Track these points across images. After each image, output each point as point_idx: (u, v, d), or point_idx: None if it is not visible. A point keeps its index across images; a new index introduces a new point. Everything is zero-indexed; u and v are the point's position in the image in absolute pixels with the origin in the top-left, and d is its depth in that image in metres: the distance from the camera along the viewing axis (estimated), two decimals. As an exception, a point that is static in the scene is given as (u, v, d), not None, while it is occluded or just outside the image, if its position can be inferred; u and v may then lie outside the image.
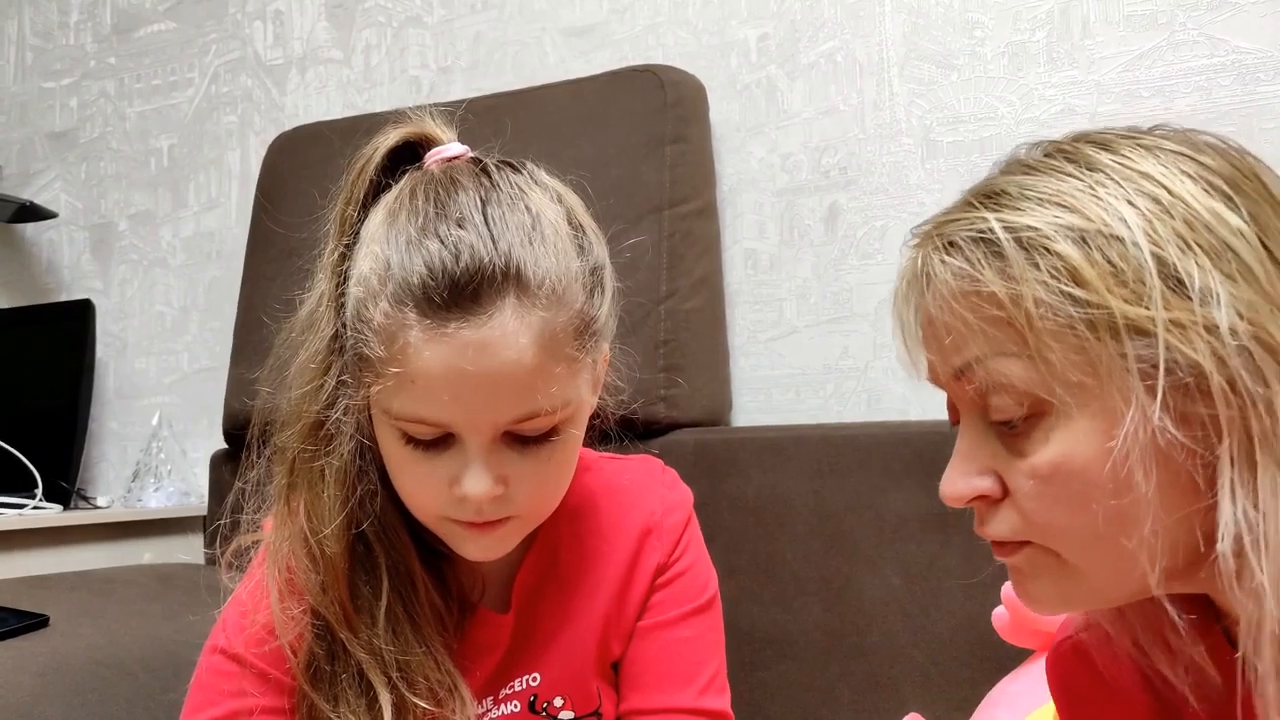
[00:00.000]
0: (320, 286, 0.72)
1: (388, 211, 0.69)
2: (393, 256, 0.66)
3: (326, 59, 1.82)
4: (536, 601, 0.80)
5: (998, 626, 0.70)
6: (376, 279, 0.66)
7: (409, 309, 0.65)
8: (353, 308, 0.68)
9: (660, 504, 0.84)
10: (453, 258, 0.64)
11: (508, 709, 0.79)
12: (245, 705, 0.73)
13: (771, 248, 1.44)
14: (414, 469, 0.69)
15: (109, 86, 2.03)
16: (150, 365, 1.94)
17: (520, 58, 1.64)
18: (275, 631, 0.73)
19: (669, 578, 0.82)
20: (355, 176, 0.72)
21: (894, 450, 1.17)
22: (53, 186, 2.07)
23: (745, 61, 1.48)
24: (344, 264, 0.70)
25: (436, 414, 0.66)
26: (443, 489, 0.69)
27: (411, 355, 0.65)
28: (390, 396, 0.67)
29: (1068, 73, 1.29)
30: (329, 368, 0.70)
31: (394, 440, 0.69)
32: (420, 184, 0.69)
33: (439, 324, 0.64)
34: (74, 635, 1.09)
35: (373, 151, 0.73)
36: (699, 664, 0.81)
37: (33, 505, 1.65)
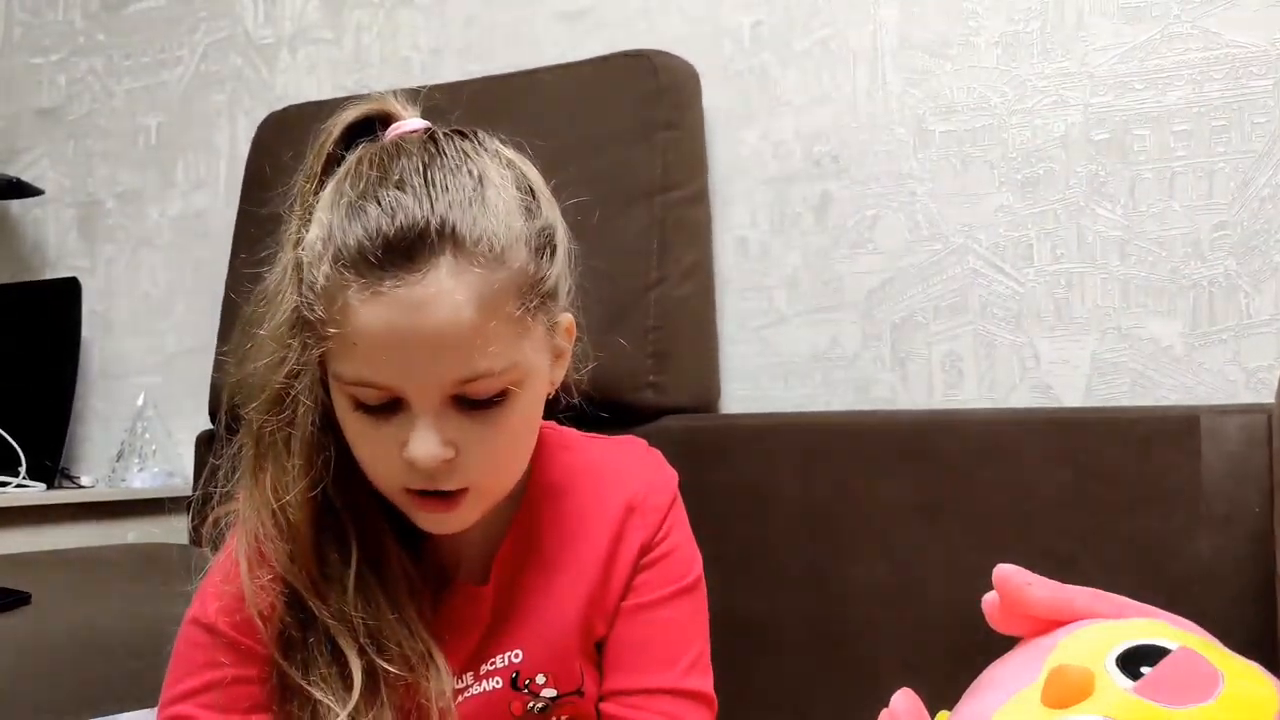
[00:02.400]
0: (282, 261, 0.73)
1: (336, 181, 0.70)
2: (334, 221, 0.67)
3: (317, 39, 1.81)
4: (517, 577, 0.80)
5: (987, 612, 0.70)
6: (320, 243, 0.68)
7: (347, 270, 0.66)
8: (304, 275, 0.69)
9: (644, 483, 0.84)
10: (389, 218, 0.65)
11: (490, 685, 0.79)
12: (220, 675, 0.74)
13: (762, 235, 1.44)
14: (366, 436, 0.70)
15: (97, 63, 2.01)
16: (136, 345, 1.93)
17: (513, 41, 1.63)
18: (247, 602, 0.73)
19: (653, 558, 0.82)
20: (315, 153, 0.74)
21: (882, 439, 1.18)
22: (40, 163, 2.05)
23: (739, 48, 1.47)
24: (301, 237, 0.71)
25: (379, 376, 0.67)
26: (394, 456, 0.69)
27: (350, 316, 0.66)
28: (336, 361, 0.68)
29: (1061, 64, 1.29)
30: (289, 340, 0.71)
31: (346, 407, 0.70)
32: (368, 154, 0.70)
33: (375, 283, 0.65)
34: (56, 613, 1.09)
35: (331, 128, 0.74)
36: (682, 645, 0.81)
37: (16, 483, 1.65)
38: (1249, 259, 1.20)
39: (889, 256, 1.37)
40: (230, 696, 0.74)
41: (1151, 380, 1.24)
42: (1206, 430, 1.01)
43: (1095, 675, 0.62)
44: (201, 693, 0.74)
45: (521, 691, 0.79)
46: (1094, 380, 1.26)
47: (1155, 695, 0.58)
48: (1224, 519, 0.99)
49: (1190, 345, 1.22)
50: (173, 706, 0.75)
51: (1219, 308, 1.21)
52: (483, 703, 0.79)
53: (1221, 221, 1.21)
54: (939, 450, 1.14)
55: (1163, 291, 1.24)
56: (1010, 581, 0.70)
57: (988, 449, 1.11)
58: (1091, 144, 1.27)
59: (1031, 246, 1.30)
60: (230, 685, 0.74)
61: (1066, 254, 1.28)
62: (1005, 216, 1.31)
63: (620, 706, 0.80)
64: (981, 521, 1.09)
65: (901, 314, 1.36)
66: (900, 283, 1.36)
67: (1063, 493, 1.06)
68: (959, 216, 1.33)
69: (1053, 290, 1.28)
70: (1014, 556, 0.84)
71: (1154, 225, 1.24)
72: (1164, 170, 1.24)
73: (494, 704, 0.79)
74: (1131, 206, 1.25)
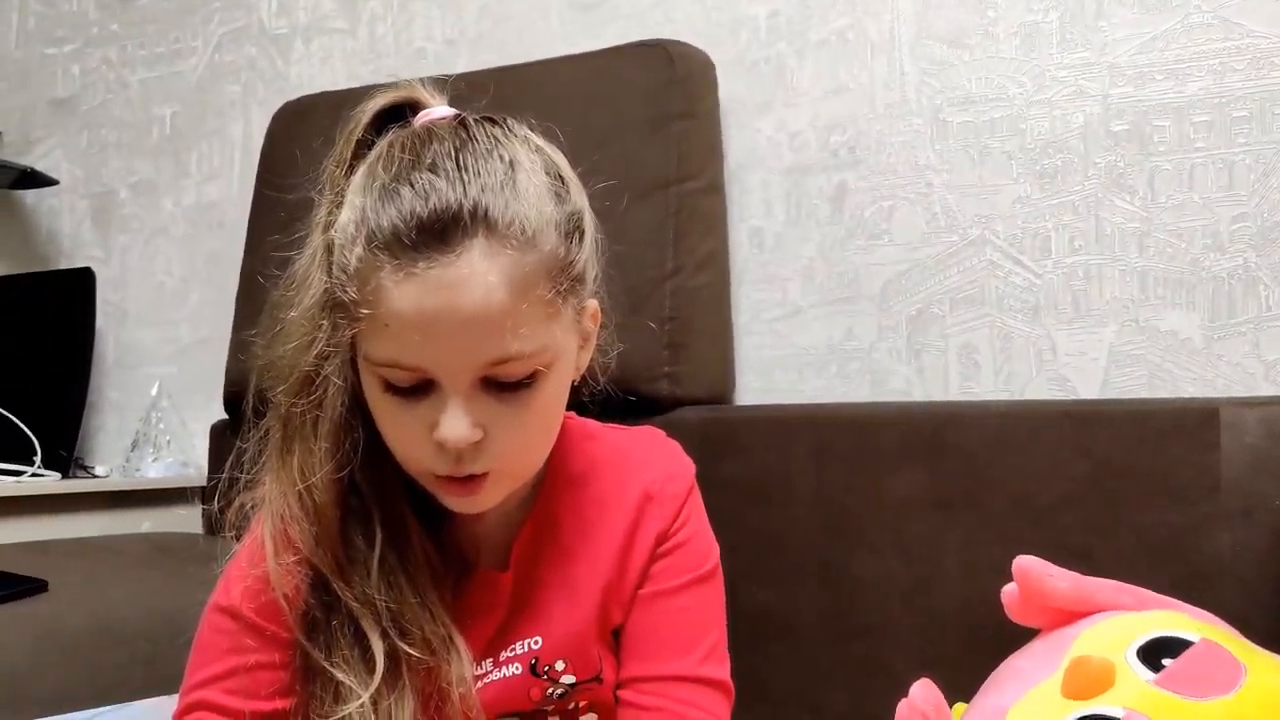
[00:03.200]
0: (312, 245, 0.73)
1: (368, 165, 0.71)
2: (367, 203, 0.67)
3: (332, 29, 1.81)
4: (536, 564, 0.81)
5: (1007, 604, 0.70)
6: (353, 226, 0.68)
7: (381, 252, 0.66)
8: (335, 257, 0.69)
9: (661, 472, 0.84)
10: (422, 201, 0.66)
11: (509, 671, 0.79)
12: (244, 661, 0.74)
13: (777, 226, 1.44)
14: (395, 418, 0.70)
15: (111, 53, 2.02)
16: (150, 335, 1.94)
17: (527, 31, 1.62)
18: (272, 585, 0.73)
19: (670, 547, 0.82)
20: (345, 139, 0.74)
21: (896, 432, 1.17)
22: (54, 154, 2.06)
23: (755, 38, 1.47)
24: (332, 221, 0.71)
25: (410, 357, 0.67)
26: (423, 438, 0.69)
27: (384, 297, 0.66)
28: (368, 342, 0.68)
29: (1080, 54, 1.28)
30: (320, 322, 0.71)
31: (376, 389, 0.70)
32: (400, 139, 0.71)
33: (408, 265, 0.65)
34: (72, 600, 1.09)
35: (361, 114, 0.75)
36: (700, 633, 0.81)
37: (31, 473, 1.65)
38: (1269, 251, 1.19)
39: (905, 248, 1.36)
40: (254, 682, 0.73)
41: (1170, 373, 1.23)
42: (1226, 423, 1.01)
43: (1116, 667, 0.61)
44: (225, 678, 0.74)
45: (540, 678, 0.80)
46: (1112, 373, 1.25)
47: (1177, 687, 0.58)
48: (1244, 512, 0.99)
49: (1209, 337, 1.21)
50: (196, 693, 0.75)
51: (1238, 300, 1.20)
52: (502, 689, 0.79)
53: (1241, 213, 1.20)
54: (955, 443, 1.13)
55: (1181, 283, 1.23)
56: (1031, 573, 0.70)
57: (1004, 442, 1.10)
58: (1110, 135, 1.26)
59: (1049, 238, 1.29)
60: (254, 670, 0.73)
61: (1084, 246, 1.27)
62: (1023, 208, 1.30)
63: (638, 693, 0.80)
64: (997, 514, 1.09)
65: (918, 306, 1.35)
66: (916, 274, 1.35)
67: (1080, 486, 1.06)
68: (976, 208, 1.33)
69: (1070, 282, 1.27)
70: (1030, 549, 0.83)
71: (1173, 217, 1.23)
72: (1183, 162, 1.23)
73: (513, 690, 0.79)
74: (1150, 198, 1.24)
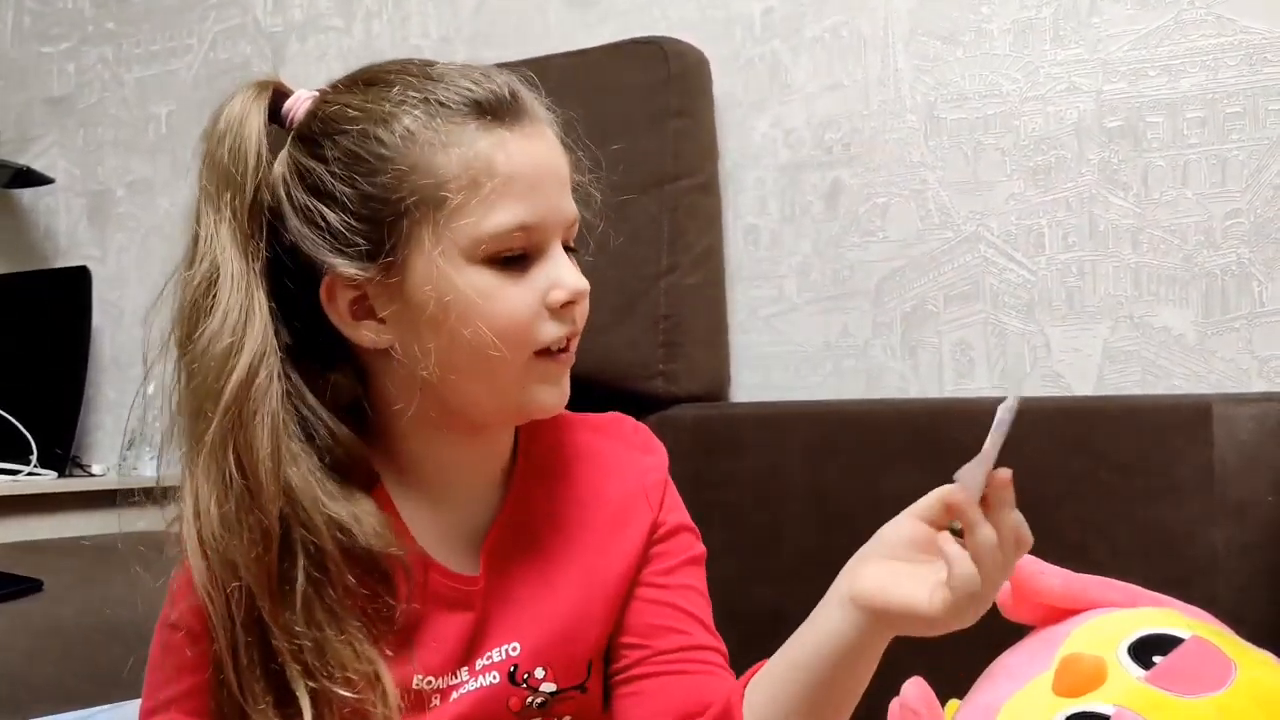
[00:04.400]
0: (205, 228, 0.74)
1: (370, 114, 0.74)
2: (433, 92, 0.71)
3: (327, 27, 1.81)
4: (509, 564, 0.78)
5: (999, 600, 0.70)
6: (427, 128, 0.70)
7: (477, 128, 0.70)
8: (393, 192, 0.70)
9: (639, 464, 0.83)
10: (482, 84, 0.71)
11: (486, 680, 0.76)
12: (200, 680, 0.70)
13: (773, 224, 1.44)
14: (505, 297, 0.70)
15: (107, 52, 2.02)
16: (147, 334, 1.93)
17: (523, 27, 1.62)
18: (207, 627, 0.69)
19: (665, 533, 0.81)
20: (230, 155, 0.77)
21: (892, 428, 1.17)
22: (50, 152, 2.05)
23: (749, 35, 1.47)
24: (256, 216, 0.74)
25: (530, 214, 0.70)
26: (536, 309, 0.70)
27: (501, 162, 0.69)
28: (479, 223, 0.69)
29: (1073, 50, 1.28)
30: (253, 327, 0.72)
31: (482, 277, 0.69)
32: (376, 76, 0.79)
33: (511, 130, 0.71)
34: (67, 599, 1.10)
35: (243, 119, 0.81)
36: (704, 609, 0.81)
37: (27, 472, 1.65)
38: (1262, 247, 1.20)
39: (900, 245, 1.36)
40: (217, 700, 0.70)
41: (1163, 369, 1.23)
42: (1219, 419, 1.01)
43: (1107, 664, 0.62)
44: (184, 699, 0.71)
45: (520, 686, 0.77)
46: (1106, 369, 1.25)
47: (1167, 684, 0.58)
48: (1236, 508, 0.99)
49: (1203, 334, 1.21)
50: (157, 716, 0.72)
51: (1231, 296, 1.21)
52: (479, 699, 0.75)
53: (1234, 209, 1.21)
54: (950, 439, 1.13)
55: (1175, 280, 1.23)
56: (1023, 570, 0.70)
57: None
58: (1104, 131, 1.27)
59: (1043, 235, 1.29)
60: (211, 688, 0.70)
61: (1078, 242, 1.27)
62: (1017, 204, 1.30)
63: (661, 664, 0.78)
64: (992, 510, 1.09)
65: (912, 303, 1.35)
66: (911, 271, 1.36)
67: (1074, 482, 1.06)
68: (970, 204, 1.33)
69: (1064, 279, 1.28)
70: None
71: (1166, 213, 1.24)
72: (1177, 158, 1.23)
73: (491, 700, 0.76)
74: (1144, 194, 1.25)
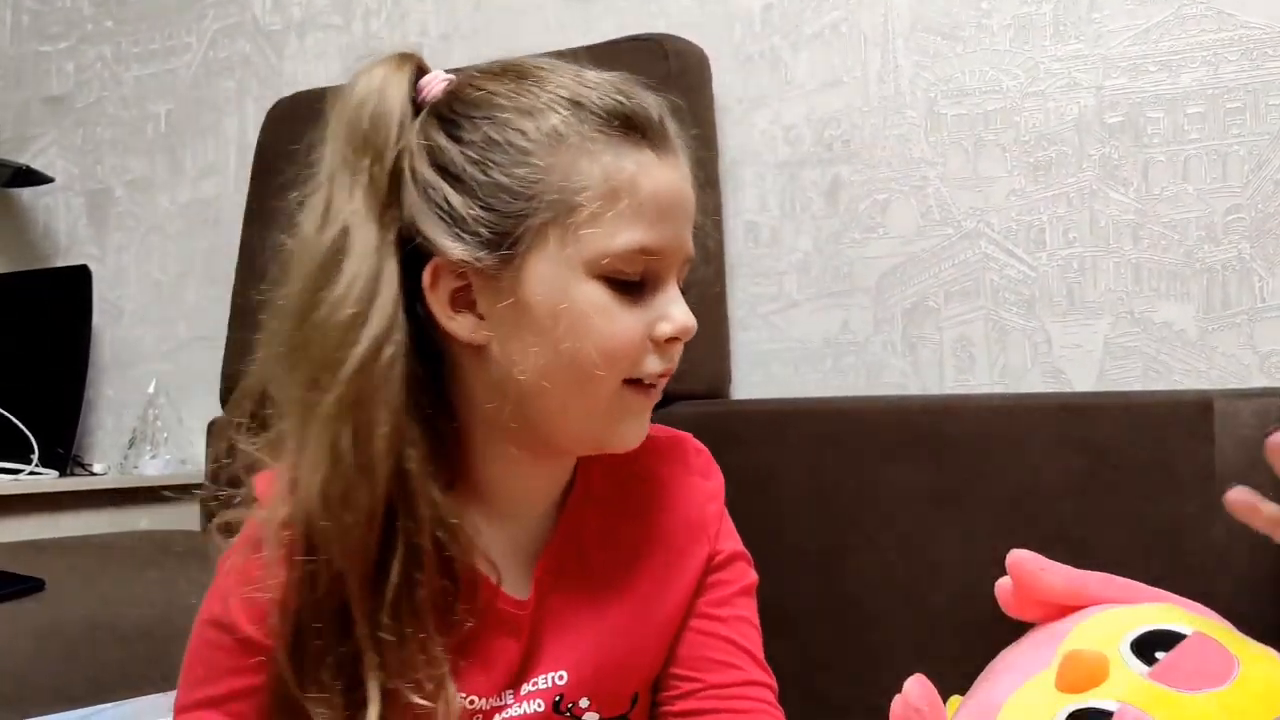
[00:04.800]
0: (340, 212, 0.71)
1: (524, 111, 0.69)
2: (586, 97, 0.69)
3: (326, 24, 1.81)
4: (560, 591, 0.76)
5: (1001, 597, 0.70)
6: (574, 132, 0.68)
7: (624, 143, 0.68)
8: (527, 188, 0.67)
9: (700, 493, 0.82)
10: (638, 99, 0.70)
11: (530, 707, 0.74)
12: (244, 684, 0.69)
13: (773, 220, 1.44)
14: (616, 319, 0.68)
15: (106, 50, 2.01)
16: (147, 332, 1.94)
17: (522, 25, 1.62)
18: (278, 605, 0.68)
19: (721, 561, 0.81)
20: (370, 121, 0.74)
21: (892, 425, 1.17)
22: (49, 151, 2.05)
23: (749, 31, 1.47)
24: (390, 194, 0.70)
25: (657, 239, 0.68)
26: (640, 338, 0.69)
27: (642, 183, 0.68)
28: (608, 238, 0.67)
29: (1074, 46, 1.28)
30: (381, 298, 0.67)
31: (599, 293, 0.68)
32: (527, 71, 0.73)
33: (656, 154, 0.69)
34: (70, 599, 1.09)
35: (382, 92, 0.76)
36: (756, 641, 0.81)
37: (29, 471, 1.65)
38: (1263, 242, 1.19)
39: (900, 241, 1.36)
40: (257, 706, 0.69)
41: (1165, 364, 1.23)
42: (1220, 414, 1.01)
43: (1109, 660, 0.61)
44: (225, 701, 0.70)
45: (564, 715, 0.76)
46: (1107, 365, 1.25)
47: (1170, 680, 0.58)
48: (1238, 504, 0.99)
49: (1203, 329, 1.21)
50: (195, 713, 0.70)
51: (1232, 291, 1.21)
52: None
53: (1235, 204, 1.21)
54: (950, 436, 1.13)
55: (1176, 275, 1.23)
56: (1024, 566, 0.70)
57: (999, 434, 1.11)
58: (1104, 127, 1.26)
59: (1044, 230, 1.29)
60: (256, 694, 0.69)
61: (1079, 238, 1.27)
62: (1017, 200, 1.30)
63: (716, 700, 0.77)
64: (993, 507, 1.09)
65: (913, 299, 1.35)
66: (911, 267, 1.36)
67: (1075, 478, 1.06)
68: (971, 200, 1.33)
69: (1065, 274, 1.28)
70: (1026, 542, 0.83)
71: (1167, 209, 1.23)
72: (1177, 153, 1.23)
73: None
74: (1144, 190, 1.25)
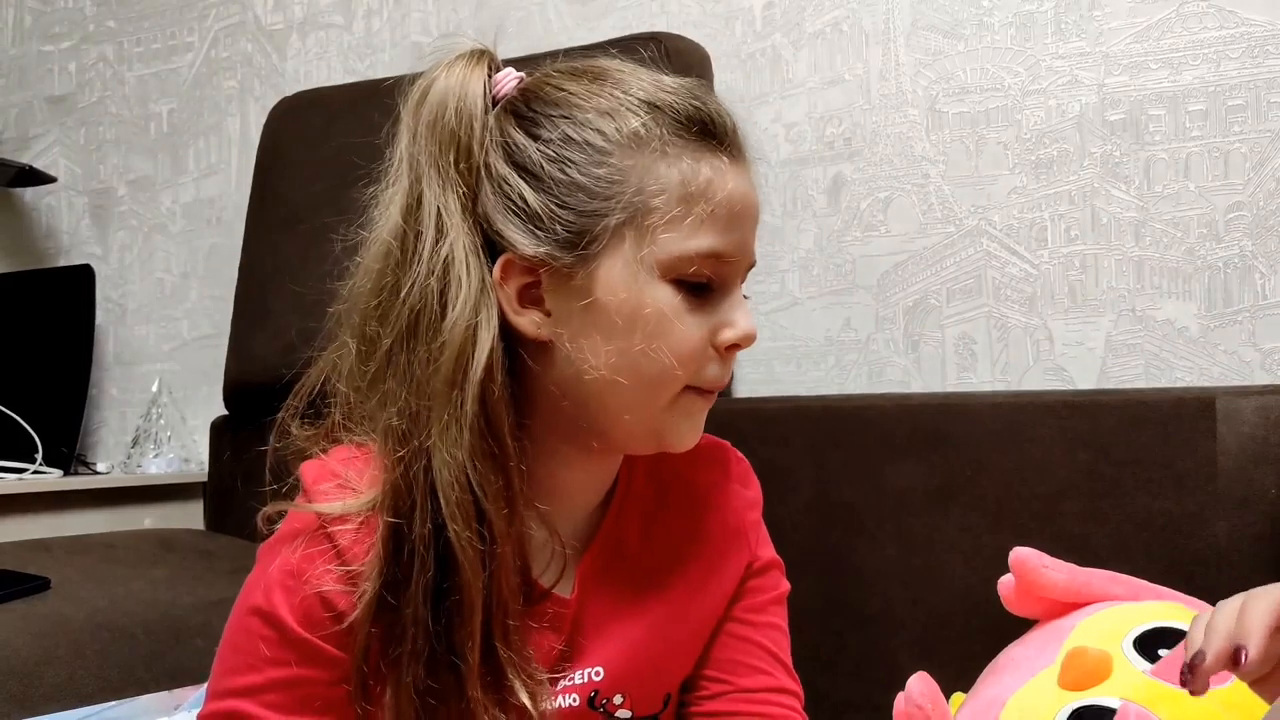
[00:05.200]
0: (446, 218, 0.68)
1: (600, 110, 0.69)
2: (665, 101, 0.69)
3: (327, 24, 1.81)
4: (602, 589, 0.77)
5: (1003, 594, 0.70)
6: (653, 135, 0.68)
7: (700, 148, 0.69)
8: (605, 188, 0.67)
9: (740, 500, 0.83)
10: (713, 107, 0.70)
11: (566, 701, 0.75)
12: (286, 675, 0.68)
13: (774, 219, 1.44)
14: (681, 323, 0.69)
15: (108, 50, 2.02)
16: (150, 332, 1.94)
17: (524, 24, 1.62)
18: (330, 604, 0.67)
19: (758, 568, 0.82)
20: (456, 117, 0.69)
21: (895, 423, 1.17)
22: (51, 151, 2.06)
23: (750, 30, 1.47)
24: (474, 189, 0.69)
25: (729, 245, 0.69)
26: (704, 344, 0.70)
27: (718, 189, 0.68)
28: (683, 241, 0.68)
29: (1075, 44, 1.28)
30: (487, 290, 0.68)
31: (670, 296, 0.68)
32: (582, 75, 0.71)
33: (730, 161, 0.70)
34: (75, 598, 1.10)
35: (464, 91, 0.70)
36: (786, 648, 0.82)
37: (33, 470, 1.65)
38: (1264, 240, 1.20)
39: (902, 239, 1.36)
40: (296, 698, 0.68)
41: (1166, 362, 1.23)
42: (1222, 412, 1.01)
43: (1113, 658, 0.62)
44: (265, 691, 0.68)
45: (597, 711, 0.76)
46: (1108, 362, 1.26)
47: (1172, 677, 0.58)
48: (1240, 500, 0.99)
49: (1205, 327, 1.22)
50: (231, 700, 0.69)
51: (1234, 289, 1.21)
52: (556, 718, 0.74)
53: (1237, 202, 1.21)
54: (952, 433, 1.14)
55: (1177, 273, 1.23)
56: (1027, 564, 0.70)
57: (1001, 432, 1.11)
58: (1106, 125, 1.27)
59: (1045, 228, 1.29)
60: (297, 686, 0.68)
61: (1080, 236, 1.27)
62: (1019, 198, 1.31)
63: (744, 702, 0.79)
64: (995, 504, 1.09)
65: (914, 297, 1.36)
66: (913, 265, 1.36)
67: (1077, 475, 1.06)
68: (972, 198, 1.33)
69: (1067, 272, 1.28)
70: (1028, 539, 0.83)
71: (1169, 206, 1.24)
72: (1179, 151, 1.23)
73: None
74: (1146, 188, 1.25)
